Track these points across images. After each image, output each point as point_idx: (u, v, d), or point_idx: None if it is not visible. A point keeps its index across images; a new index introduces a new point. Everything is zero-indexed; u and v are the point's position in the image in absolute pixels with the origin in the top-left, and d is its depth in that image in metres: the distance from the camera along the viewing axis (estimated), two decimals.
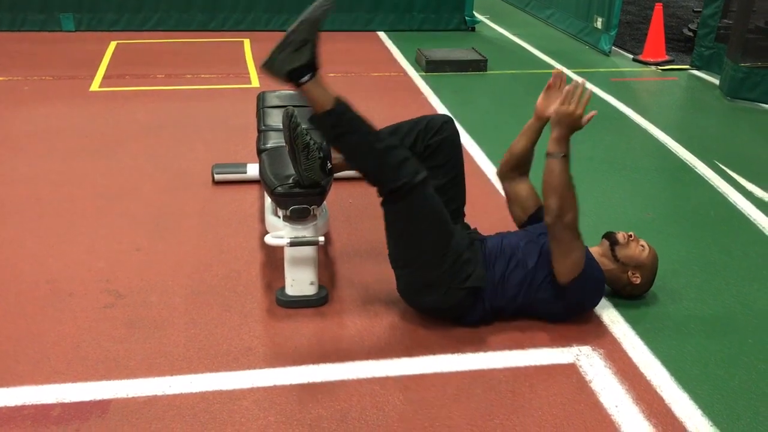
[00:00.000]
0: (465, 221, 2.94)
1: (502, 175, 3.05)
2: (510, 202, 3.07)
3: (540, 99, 2.90)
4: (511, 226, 3.16)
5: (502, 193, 3.93)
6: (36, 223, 3.53)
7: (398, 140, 2.67)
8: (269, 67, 2.46)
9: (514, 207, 3.05)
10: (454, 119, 2.90)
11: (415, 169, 2.56)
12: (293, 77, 2.46)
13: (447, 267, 2.62)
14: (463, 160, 2.91)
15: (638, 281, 2.85)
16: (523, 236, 2.85)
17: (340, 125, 2.54)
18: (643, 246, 2.86)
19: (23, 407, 2.30)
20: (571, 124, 2.57)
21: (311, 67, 2.46)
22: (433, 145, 2.80)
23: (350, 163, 2.69)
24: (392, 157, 2.54)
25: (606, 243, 2.87)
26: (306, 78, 2.46)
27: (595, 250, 2.84)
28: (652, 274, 2.90)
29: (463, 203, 2.93)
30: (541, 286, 2.71)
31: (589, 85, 6.46)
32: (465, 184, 2.93)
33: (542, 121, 2.89)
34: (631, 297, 2.94)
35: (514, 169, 2.99)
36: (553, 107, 2.83)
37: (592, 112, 2.60)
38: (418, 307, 2.79)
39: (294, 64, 2.43)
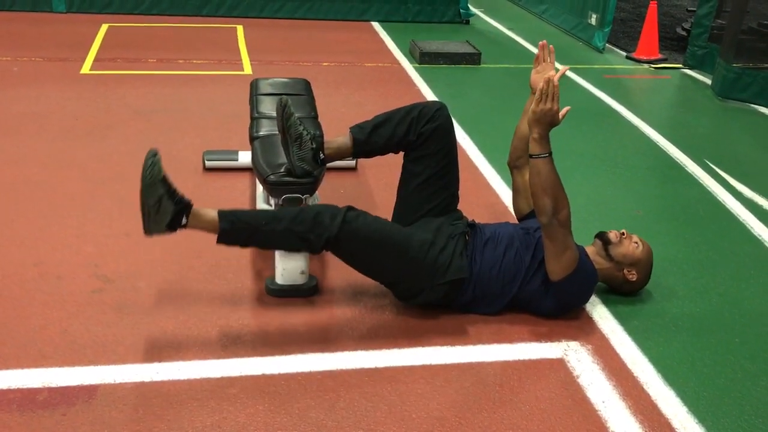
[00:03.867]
0: (458, 209, 2.94)
1: (512, 164, 3.06)
2: (516, 194, 3.07)
3: (533, 74, 2.98)
4: (503, 219, 3.17)
5: (494, 186, 3.98)
6: (24, 206, 3.49)
7: (297, 210, 2.65)
8: (151, 235, 2.56)
9: (520, 199, 3.05)
10: (446, 106, 2.89)
11: (331, 215, 2.57)
12: (174, 228, 2.55)
13: (418, 272, 2.65)
14: (456, 146, 2.90)
15: (635, 278, 2.86)
16: (520, 228, 2.86)
17: (238, 237, 2.62)
18: (636, 243, 2.87)
19: (9, 391, 2.28)
20: (549, 122, 2.56)
21: (182, 210, 2.54)
22: (425, 132, 2.79)
23: (273, 250, 2.80)
24: (301, 225, 2.56)
25: (599, 243, 2.87)
26: (184, 221, 2.56)
27: (589, 250, 2.85)
28: (648, 270, 2.91)
29: (457, 189, 2.93)
30: (533, 279, 2.72)
31: (582, 81, 6.46)
32: (458, 171, 2.93)
33: None
34: (628, 294, 2.95)
35: (523, 153, 2.98)
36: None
37: (567, 107, 2.60)
38: (408, 302, 2.81)
39: (166, 220, 2.52)
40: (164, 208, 2.50)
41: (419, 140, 2.79)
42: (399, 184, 2.92)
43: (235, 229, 2.58)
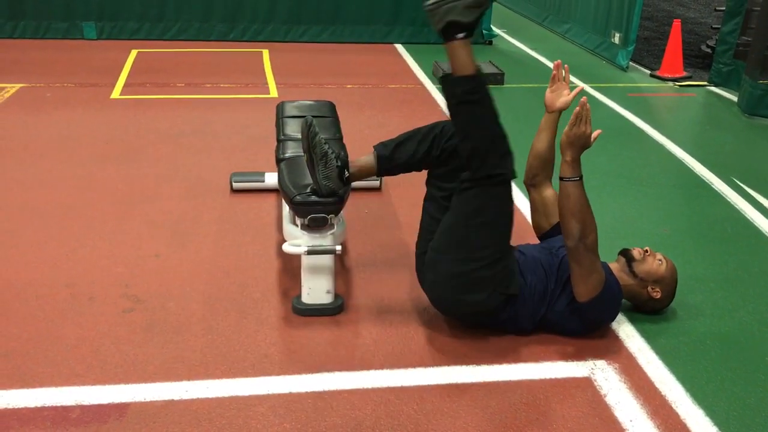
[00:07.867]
0: None
1: (528, 182, 3.08)
2: (535, 212, 3.08)
3: (547, 92, 3.00)
4: (527, 237, 3.17)
5: (519, 204, 3.98)
6: (56, 228, 3.57)
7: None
8: (437, 6, 2.42)
9: (539, 217, 3.06)
10: None
11: (512, 164, 2.64)
12: (449, 30, 2.45)
13: (500, 268, 2.64)
14: None
15: (659, 295, 2.85)
16: (542, 248, 2.86)
17: (473, 93, 2.54)
18: (660, 260, 2.86)
19: (43, 408, 2.33)
20: (582, 144, 2.58)
21: (470, 28, 2.47)
22: (448, 148, 2.80)
23: (460, 135, 2.64)
24: (503, 144, 2.60)
25: (623, 260, 2.87)
26: (462, 35, 2.46)
27: (613, 267, 2.84)
28: (673, 288, 2.90)
29: None
30: (559, 300, 2.72)
31: (606, 100, 6.46)
32: None
33: (554, 114, 3.00)
34: (653, 312, 2.93)
35: (539, 171, 3.02)
36: (562, 99, 2.95)
37: (599, 131, 2.62)
38: (449, 305, 2.75)
39: (459, 17, 2.41)
40: (474, 12, 2.44)
41: (442, 156, 2.80)
42: (424, 201, 2.93)
43: (481, 87, 2.53)
